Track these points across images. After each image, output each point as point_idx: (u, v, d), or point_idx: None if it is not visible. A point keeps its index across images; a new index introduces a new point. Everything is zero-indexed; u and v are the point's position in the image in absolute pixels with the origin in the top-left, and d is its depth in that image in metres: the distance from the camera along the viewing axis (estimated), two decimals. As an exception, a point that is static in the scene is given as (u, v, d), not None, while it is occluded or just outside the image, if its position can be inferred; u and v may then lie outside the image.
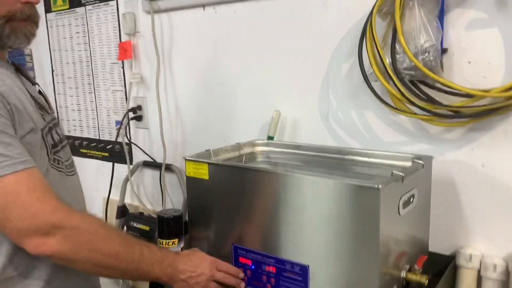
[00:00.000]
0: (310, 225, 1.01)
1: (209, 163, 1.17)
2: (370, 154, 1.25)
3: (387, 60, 1.17)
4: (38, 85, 1.21)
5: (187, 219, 1.26)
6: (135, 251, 0.95)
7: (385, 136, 1.34)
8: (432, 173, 1.17)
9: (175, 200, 1.99)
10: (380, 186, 0.89)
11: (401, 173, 0.97)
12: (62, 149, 1.15)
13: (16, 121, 0.92)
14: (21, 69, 1.14)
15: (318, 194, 0.99)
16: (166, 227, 1.21)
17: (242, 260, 1.15)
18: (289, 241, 1.05)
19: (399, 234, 1.03)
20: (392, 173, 0.98)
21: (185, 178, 1.23)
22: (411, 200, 1.05)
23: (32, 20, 1.03)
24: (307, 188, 1.01)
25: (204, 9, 1.69)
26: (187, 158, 1.21)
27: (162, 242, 1.23)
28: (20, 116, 0.93)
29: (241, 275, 1.13)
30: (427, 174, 1.15)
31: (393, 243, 0.99)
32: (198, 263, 1.07)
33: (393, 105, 1.23)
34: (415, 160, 1.11)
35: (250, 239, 1.14)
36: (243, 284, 1.12)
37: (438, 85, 1.16)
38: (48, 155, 1.01)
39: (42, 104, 1.10)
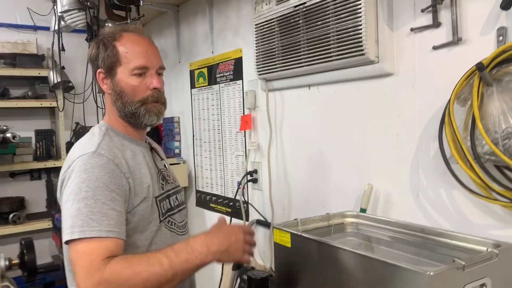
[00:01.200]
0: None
1: (291, 233, 1.32)
2: (452, 236, 1.25)
3: (466, 145, 1.20)
4: (165, 160, 1.52)
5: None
6: (163, 262, 1.09)
7: (475, 218, 1.32)
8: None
9: (282, 258, 2.14)
10: (431, 273, 0.93)
11: (462, 262, 0.98)
12: (178, 212, 1.42)
13: (133, 193, 1.21)
14: (154, 148, 1.46)
15: (378, 274, 1.06)
16: (254, 286, 1.38)
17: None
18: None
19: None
20: (453, 260, 0.99)
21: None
22: (483, 289, 1.03)
23: (160, 101, 1.34)
24: (372, 267, 1.08)
25: (309, 89, 1.90)
26: (274, 225, 1.38)
27: (251, 299, 1.40)
28: (136, 189, 1.23)
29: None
30: (509, 263, 1.10)
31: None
32: (229, 233, 1.21)
33: (476, 189, 1.23)
34: (490, 249, 1.09)
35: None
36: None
37: (522, 171, 1.13)
38: (159, 217, 1.29)
39: (164, 176, 1.39)
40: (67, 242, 1.13)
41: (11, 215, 3.07)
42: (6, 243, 3.01)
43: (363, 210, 1.60)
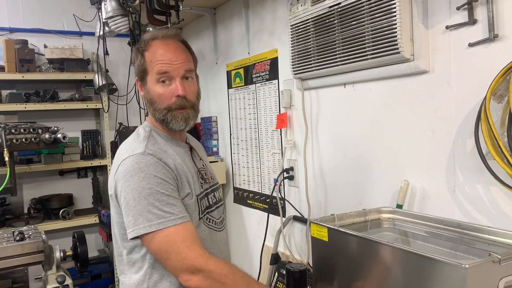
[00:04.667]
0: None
1: (328, 227, 1.37)
2: (490, 231, 1.26)
3: (503, 141, 1.21)
4: (204, 158, 1.59)
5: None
6: None
7: (513, 214, 1.32)
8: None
9: (318, 254, 2.19)
10: (467, 266, 0.96)
11: (498, 255, 1.00)
12: (216, 209, 1.49)
13: (180, 187, 1.30)
14: (194, 148, 1.52)
15: (415, 267, 1.09)
16: (292, 279, 1.44)
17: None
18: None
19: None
20: (489, 254, 1.02)
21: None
22: (520, 283, 1.04)
23: (186, 107, 1.35)
24: (408, 261, 1.12)
25: (344, 87, 1.93)
26: (311, 220, 1.43)
27: (289, 290, 1.45)
28: (182, 184, 1.31)
29: None
30: (547, 259, 1.11)
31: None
32: None
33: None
34: (528, 244, 1.10)
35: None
36: None
37: (561, 167, 1.13)
38: (199, 215, 1.37)
39: (203, 175, 1.47)
40: (137, 237, 1.22)
41: (61, 211, 3.26)
42: (56, 237, 3.19)
43: (399, 206, 1.63)
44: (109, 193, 1.38)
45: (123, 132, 3.32)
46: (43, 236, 1.90)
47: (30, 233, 1.92)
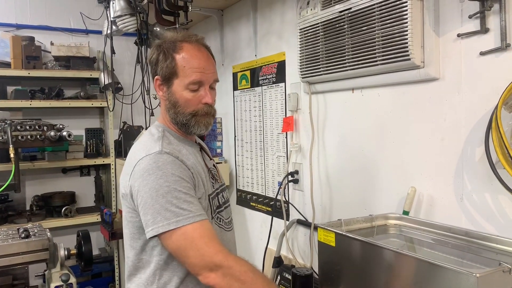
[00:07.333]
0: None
1: (335, 232, 1.37)
2: (497, 240, 1.27)
3: (514, 150, 1.21)
4: (213, 160, 1.60)
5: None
6: None
7: (521, 223, 1.32)
8: None
9: (322, 258, 2.18)
10: (477, 275, 0.96)
11: (508, 265, 1.00)
12: (225, 209, 1.50)
13: (196, 186, 1.30)
14: (204, 148, 1.54)
15: (424, 275, 1.09)
16: (298, 282, 1.44)
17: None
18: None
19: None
20: (499, 263, 1.02)
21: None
22: (530, 294, 1.04)
23: (210, 114, 1.40)
24: (417, 268, 1.12)
25: (352, 92, 1.93)
26: (319, 225, 1.44)
27: (295, 294, 1.46)
28: (198, 184, 1.31)
29: None
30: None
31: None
32: None
33: (523, 193, 1.23)
34: (537, 254, 1.10)
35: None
36: None
37: None
38: (211, 214, 1.37)
39: (214, 174, 1.48)
40: (155, 236, 1.22)
41: (63, 209, 3.25)
42: (58, 235, 3.18)
43: (405, 213, 1.63)
44: (121, 193, 1.37)
45: (127, 131, 3.32)
46: (48, 234, 1.90)
47: (35, 230, 1.92)
